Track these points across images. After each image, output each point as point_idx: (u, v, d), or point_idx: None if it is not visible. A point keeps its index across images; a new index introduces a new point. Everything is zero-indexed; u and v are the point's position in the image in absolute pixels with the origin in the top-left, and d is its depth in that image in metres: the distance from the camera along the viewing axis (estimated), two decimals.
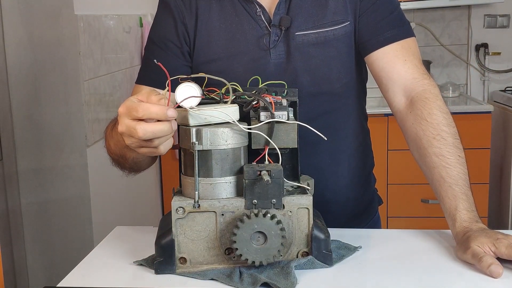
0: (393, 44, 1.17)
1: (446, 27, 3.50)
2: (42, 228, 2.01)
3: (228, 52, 1.19)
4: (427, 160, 1.11)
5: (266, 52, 1.18)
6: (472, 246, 0.97)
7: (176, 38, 1.22)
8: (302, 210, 0.96)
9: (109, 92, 2.36)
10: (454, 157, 1.09)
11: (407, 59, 1.17)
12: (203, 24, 1.21)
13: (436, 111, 1.13)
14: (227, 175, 0.96)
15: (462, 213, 1.04)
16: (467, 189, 1.07)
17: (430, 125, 1.12)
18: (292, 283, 0.91)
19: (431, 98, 1.15)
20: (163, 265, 0.97)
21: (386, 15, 1.19)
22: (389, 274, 0.97)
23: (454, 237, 1.05)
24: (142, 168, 1.16)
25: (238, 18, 1.19)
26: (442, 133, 1.11)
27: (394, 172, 3.10)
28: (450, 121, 1.14)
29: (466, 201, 1.06)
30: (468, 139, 3.06)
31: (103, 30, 2.30)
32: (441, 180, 1.08)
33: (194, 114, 0.94)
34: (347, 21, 1.18)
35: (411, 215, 3.13)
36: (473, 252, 0.97)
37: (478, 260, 0.95)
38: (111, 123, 1.10)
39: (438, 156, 1.09)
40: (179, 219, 0.96)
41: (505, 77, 3.50)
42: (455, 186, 1.07)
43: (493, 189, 3.19)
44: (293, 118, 1.00)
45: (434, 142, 1.10)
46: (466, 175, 1.09)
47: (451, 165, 1.08)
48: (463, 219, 1.04)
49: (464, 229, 1.03)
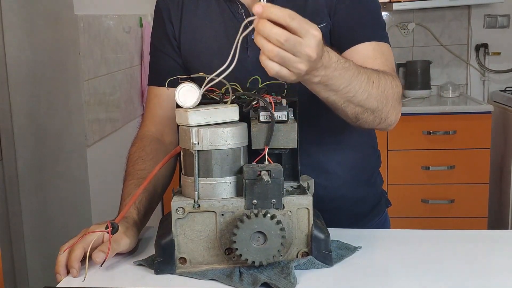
0: (366, 43, 1.16)
1: (446, 27, 3.49)
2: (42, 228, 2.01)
3: (210, 49, 1.23)
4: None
5: (243, 50, 1.19)
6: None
7: (167, 37, 1.28)
8: (302, 210, 0.96)
9: (109, 92, 2.36)
10: (373, 76, 1.04)
11: (377, 58, 1.16)
12: (187, 21, 1.25)
13: (389, 76, 1.09)
14: (227, 175, 0.96)
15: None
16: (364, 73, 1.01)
17: (374, 69, 1.07)
18: (292, 283, 0.91)
19: (392, 75, 1.12)
20: (163, 265, 0.97)
21: (361, 16, 1.19)
22: (389, 274, 0.97)
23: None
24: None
25: (222, 16, 1.23)
26: (381, 75, 1.06)
27: (394, 172, 3.10)
28: (394, 88, 1.09)
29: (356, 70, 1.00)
30: (468, 139, 3.07)
31: (103, 30, 2.30)
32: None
33: (194, 114, 0.94)
34: (324, 22, 1.19)
35: (411, 215, 3.13)
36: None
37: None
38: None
39: (360, 66, 1.03)
40: (179, 219, 0.96)
41: (505, 77, 3.50)
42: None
43: (493, 189, 3.19)
44: (293, 118, 1.00)
45: (369, 68, 1.05)
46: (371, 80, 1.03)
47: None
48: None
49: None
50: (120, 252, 1.04)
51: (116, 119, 2.44)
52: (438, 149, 3.09)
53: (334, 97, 1.00)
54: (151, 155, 1.21)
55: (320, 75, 0.93)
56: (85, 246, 1.00)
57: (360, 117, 1.06)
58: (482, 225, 3.10)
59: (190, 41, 1.25)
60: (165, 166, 1.17)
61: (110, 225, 1.00)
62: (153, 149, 1.23)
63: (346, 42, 1.18)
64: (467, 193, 3.09)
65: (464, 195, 3.10)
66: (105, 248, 0.99)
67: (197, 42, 1.24)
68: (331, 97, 1.00)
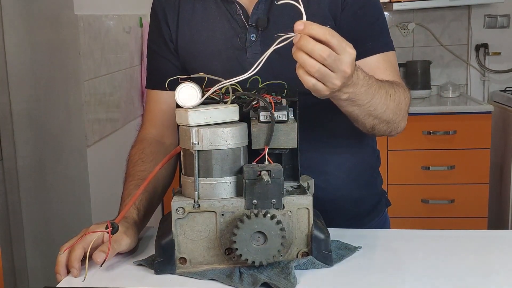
0: (375, 56, 1.20)
1: (446, 27, 3.49)
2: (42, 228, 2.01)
3: (208, 50, 1.22)
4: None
5: (242, 51, 1.20)
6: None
7: (164, 40, 1.27)
8: (302, 210, 0.96)
9: (109, 92, 2.36)
10: (390, 90, 1.10)
11: (387, 69, 1.20)
12: (184, 22, 1.25)
13: (401, 87, 1.15)
14: (227, 175, 0.96)
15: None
16: (382, 86, 1.06)
17: (388, 81, 1.13)
18: (292, 283, 0.91)
19: (402, 86, 1.17)
20: (163, 265, 0.97)
21: (368, 26, 1.21)
22: (389, 274, 0.97)
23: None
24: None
25: (220, 17, 1.22)
26: (395, 87, 1.11)
27: (394, 172, 3.10)
28: (407, 99, 1.16)
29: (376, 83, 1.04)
30: (468, 139, 3.07)
31: (103, 30, 2.30)
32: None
33: (194, 114, 0.94)
34: (327, 24, 1.19)
35: (411, 215, 3.13)
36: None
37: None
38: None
39: (379, 80, 1.09)
40: (179, 219, 0.96)
41: (505, 77, 3.50)
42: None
43: (493, 189, 3.19)
44: (293, 118, 1.00)
45: (384, 81, 1.11)
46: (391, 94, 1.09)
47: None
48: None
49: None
50: (120, 252, 1.04)
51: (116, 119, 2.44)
52: (438, 149, 3.09)
53: (357, 112, 1.05)
54: (151, 157, 1.21)
55: (349, 92, 0.98)
56: (85, 246, 1.00)
57: (376, 127, 1.13)
58: (482, 225, 3.10)
59: (187, 43, 1.25)
60: (165, 167, 1.17)
61: (110, 225, 1.00)
62: (153, 151, 1.23)
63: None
64: (467, 193, 3.09)
65: (464, 195, 3.10)
66: (106, 248, 0.99)
67: (195, 44, 1.24)
68: (354, 111, 1.05)
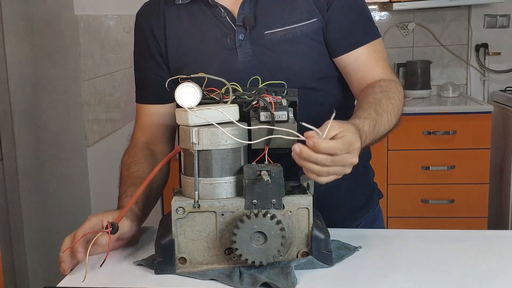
0: (364, 46, 1.21)
1: (446, 27, 3.49)
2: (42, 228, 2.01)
3: (199, 55, 1.22)
4: (365, 97, 1.14)
5: (232, 51, 1.20)
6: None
7: (151, 54, 1.26)
8: (302, 210, 0.96)
9: (109, 92, 2.36)
10: (388, 105, 1.12)
11: (378, 60, 1.22)
12: (172, 31, 1.24)
13: (393, 84, 1.17)
14: (227, 175, 0.96)
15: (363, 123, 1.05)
16: (380, 120, 1.09)
17: (381, 87, 1.15)
18: (292, 283, 0.91)
19: (394, 80, 1.20)
20: (163, 265, 0.97)
21: (355, 17, 1.22)
22: (389, 274, 0.97)
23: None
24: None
25: (206, 22, 1.22)
26: (389, 94, 1.14)
27: (394, 172, 3.10)
28: (401, 97, 1.17)
29: (371, 122, 1.06)
30: (468, 139, 3.07)
31: (103, 30, 2.30)
32: (369, 102, 1.11)
33: (194, 114, 0.94)
34: (314, 18, 1.20)
35: (411, 215, 3.13)
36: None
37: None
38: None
39: (375, 98, 1.12)
40: (179, 219, 0.96)
41: (505, 77, 3.50)
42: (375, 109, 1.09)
43: (493, 189, 3.19)
44: (293, 118, 1.00)
45: (378, 93, 1.14)
46: (389, 121, 1.11)
47: (383, 104, 1.11)
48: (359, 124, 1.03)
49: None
50: (122, 237, 1.05)
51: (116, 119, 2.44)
52: (438, 149, 3.09)
53: (366, 144, 1.08)
54: (143, 159, 1.23)
55: (360, 149, 1.01)
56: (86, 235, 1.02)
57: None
58: (482, 225, 3.10)
59: (177, 52, 1.24)
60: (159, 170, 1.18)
61: (110, 225, 1.00)
62: (144, 154, 1.24)
63: (344, 46, 1.21)
64: (467, 193, 3.09)
65: (464, 195, 3.10)
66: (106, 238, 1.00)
67: (186, 51, 1.23)
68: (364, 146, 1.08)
